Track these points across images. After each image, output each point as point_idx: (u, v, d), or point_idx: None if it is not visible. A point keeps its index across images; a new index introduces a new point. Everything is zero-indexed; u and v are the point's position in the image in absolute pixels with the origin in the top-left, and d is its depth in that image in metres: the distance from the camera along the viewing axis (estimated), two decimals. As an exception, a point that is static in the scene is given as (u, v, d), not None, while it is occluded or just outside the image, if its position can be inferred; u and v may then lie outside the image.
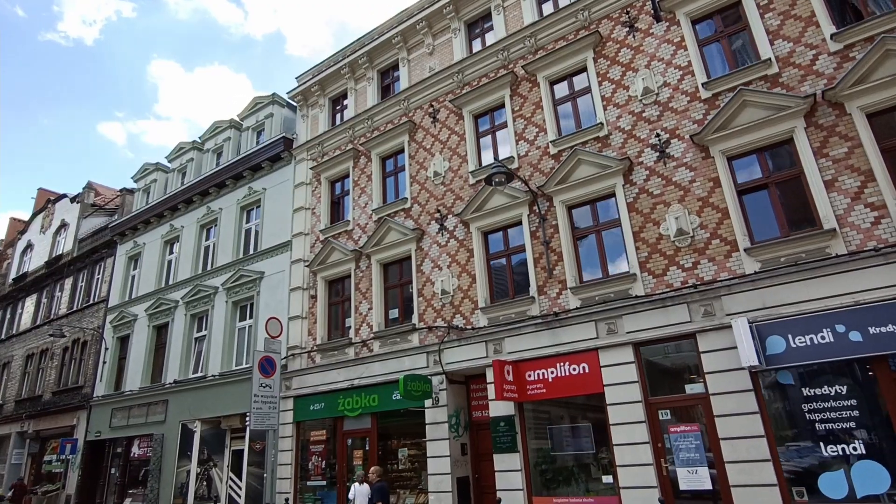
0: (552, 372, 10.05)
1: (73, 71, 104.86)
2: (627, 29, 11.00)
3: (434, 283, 12.21)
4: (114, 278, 21.26)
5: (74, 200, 25.50)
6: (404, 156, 14.00)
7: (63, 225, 25.59)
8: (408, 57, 14.79)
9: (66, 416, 20.33)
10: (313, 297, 14.54)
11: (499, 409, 10.48)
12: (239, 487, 14.54)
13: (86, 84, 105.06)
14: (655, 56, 10.52)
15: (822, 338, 7.72)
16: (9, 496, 19.06)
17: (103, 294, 21.39)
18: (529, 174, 11.45)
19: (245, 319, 16.21)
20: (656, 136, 10.07)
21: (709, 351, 8.60)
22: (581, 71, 11.56)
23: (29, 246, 27.83)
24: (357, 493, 10.14)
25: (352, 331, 13.46)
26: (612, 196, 10.36)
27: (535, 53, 12.21)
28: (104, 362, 19.77)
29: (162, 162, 22.15)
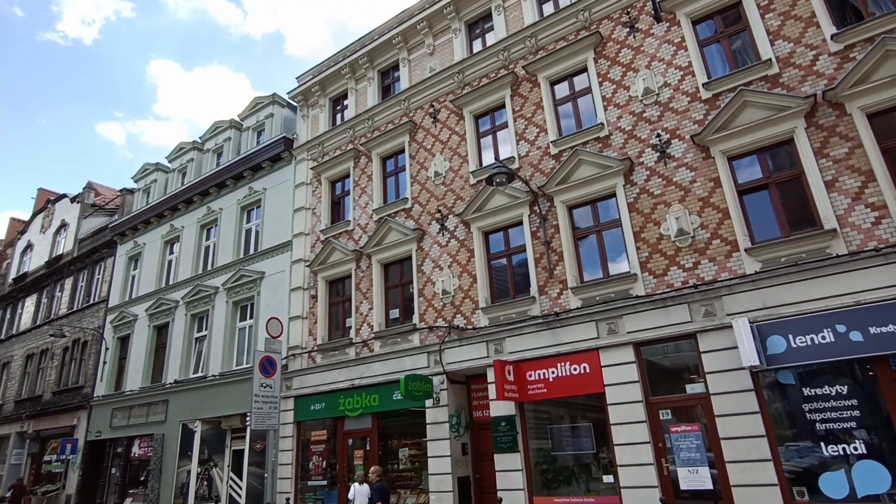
0: (553, 372, 10.06)
1: (72, 71, 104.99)
2: (628, 29, 11.01)
3: (435, 283, 12.22)
4: (114, 278, 21.27)
5: (74, 200, 25.50)
6: (405, 156, 14.01)
7: (63, 225, 25.59)
8: (408, 57, 14.80)
9: (67, 416, 20.33)
10: (314, 297, 14.54)
11: (500, 409, 10.49)
12: (239, 487, 14.55)
13: (85, 84, 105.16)
14: (656, 56, 10.53)
15: (823, 338, 7.74)
16: (8, 496, 19.04)
17: (103, 294, 21.39)
18: (530, 174, 11.46)
19: (245, 319, 16.22)
20: (657, 137, 10.08)
21: (709, 351, 8.61)
22: (582, 71, 11.57)
23: (29, 246, 27.82)
24: (357, 493, 10.13)
25: (352, 331, 13.47)
26: (613, 196, 10.37)
27: (536, 54, 12.22)
28: (104, 362, 19.78)
29: (162, 162, 22.18)
